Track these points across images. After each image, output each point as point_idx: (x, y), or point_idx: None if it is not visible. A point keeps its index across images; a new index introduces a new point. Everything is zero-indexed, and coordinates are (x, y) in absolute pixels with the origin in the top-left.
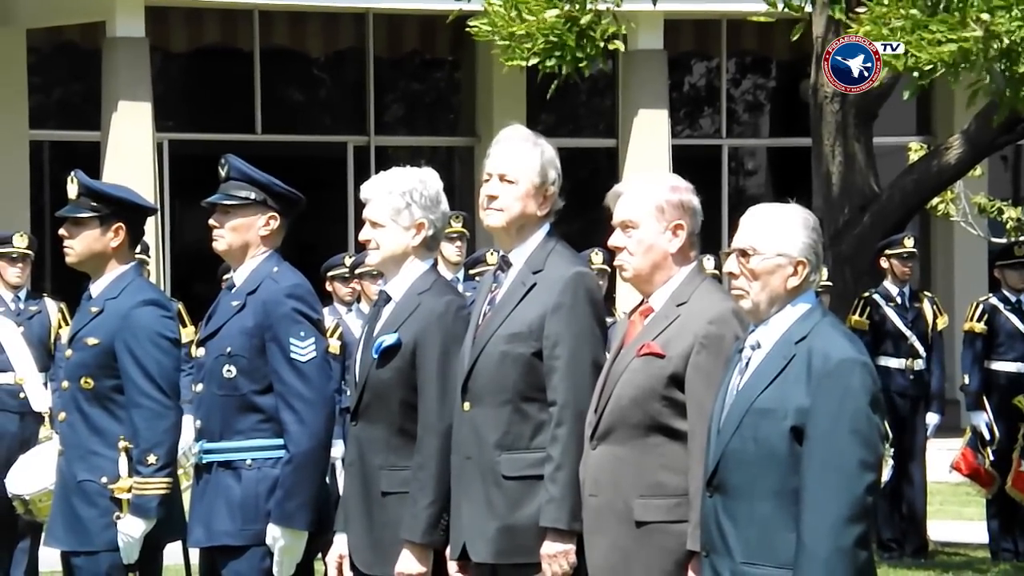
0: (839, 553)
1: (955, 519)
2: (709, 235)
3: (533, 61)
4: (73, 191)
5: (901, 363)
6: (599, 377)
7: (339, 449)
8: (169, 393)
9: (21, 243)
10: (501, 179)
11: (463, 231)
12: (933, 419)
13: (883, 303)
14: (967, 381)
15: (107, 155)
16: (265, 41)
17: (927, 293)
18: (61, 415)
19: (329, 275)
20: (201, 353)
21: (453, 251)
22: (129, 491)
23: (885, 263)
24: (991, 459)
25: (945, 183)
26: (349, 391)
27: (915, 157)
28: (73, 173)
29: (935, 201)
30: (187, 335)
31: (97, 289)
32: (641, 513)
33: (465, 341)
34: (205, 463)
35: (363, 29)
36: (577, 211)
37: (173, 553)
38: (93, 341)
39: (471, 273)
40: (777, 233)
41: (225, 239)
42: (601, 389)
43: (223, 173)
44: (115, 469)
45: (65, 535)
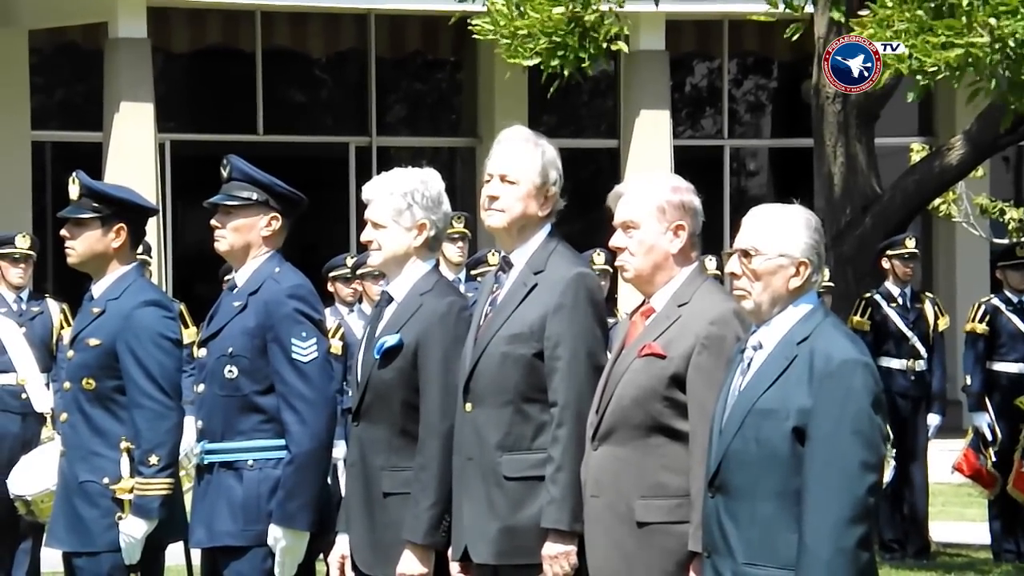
0: (841, 554)
1: (957, 520)
2: (710, 236)
3: (535, 61)
4: (75, 192)
5: (902, 364)
6: (600, 378)
7: (341, 450)
8: (171, 394)
9: (23, 244)
10: (502, 180)
11: (465, 232)
12: (934, 420)
13: (884, 304)
14: (969, 382)
15: (109, 156)
16: (267, 42)
17: (928, 294)
18: (63, 416)
19: (331, 276)
20: (203, 354)
21: (455, 252)
22: (131, 492)
23: (887, 264)
24: (993, 460)
25: (947, 184)
26: (351, 392)
27: (917, 158)
28: (75, 174)
29: (937, 202)
30: (189, 336)
31: (99, 290)
32: (642, 514)
33: (466, 342)
34: (207, 464)
35: (365, 30)
36: (578, 212)
37: (175, 554)
38: (95, 342)
39: (472, 274)
40: (779, 233)
41: (227, 239)
42: (602, 390)
43: (225, 174)
44: (117, 470)
45: (67, 536)
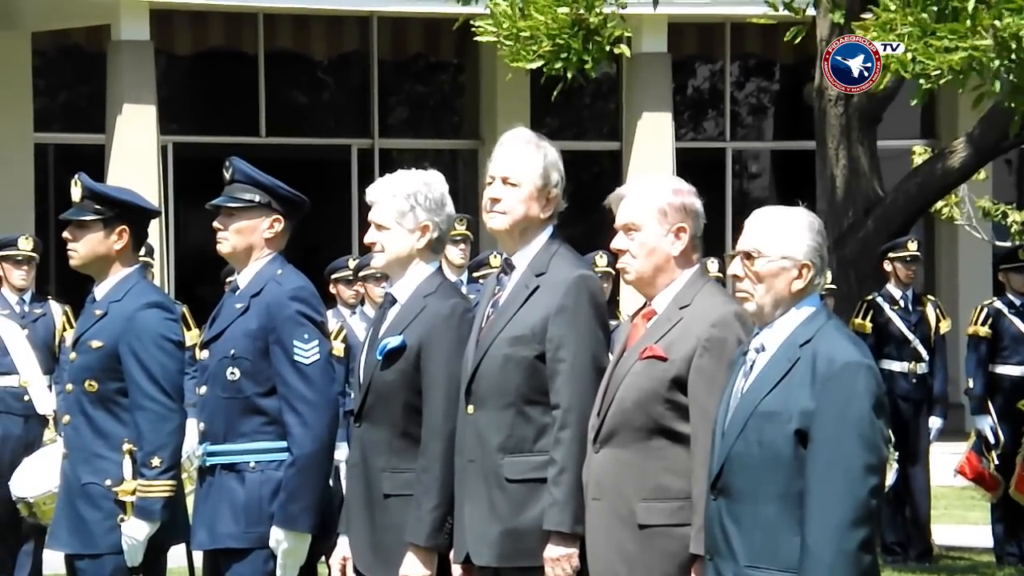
0: (843, 557)
1: (959, 523)
2: (712, 238)
3: (538, 64)
4: (77, 194)
5: (904, 367)
6: (602, 380)
7: (343, 452)
8: (173, 396)
9: (26, 246)
10: (504, 182)
11: (467, 234)
12: (936, 423)
13: (886, 306)
14: (971, 385)
15: (111, 158)
16: (269, 44)
17: (931, 297)
18: (65, 418)
19: (333, 278)
20: (205, 355)
21: (457, 254)
22: (133, 494)
23: (889, 266)
24: (995, 463)
25: (949, 187)
26: (353, 394)
27: (919, 160)
28: (77, 176)
29: (939, 205)
30: (191, 338)
31: (101, 292)
32: (644, 516)
33: (468, 344)
34: (209, 466)
35: (367, 32)
36: (581, 214)
37: (177, 556)
38: (97, 344)
39: (475, 276)
40: (782, 236)
41: (229, 241)
42: (604, 392)
43: (227, 176)
44: (119, 472)
45: (69, 538)
